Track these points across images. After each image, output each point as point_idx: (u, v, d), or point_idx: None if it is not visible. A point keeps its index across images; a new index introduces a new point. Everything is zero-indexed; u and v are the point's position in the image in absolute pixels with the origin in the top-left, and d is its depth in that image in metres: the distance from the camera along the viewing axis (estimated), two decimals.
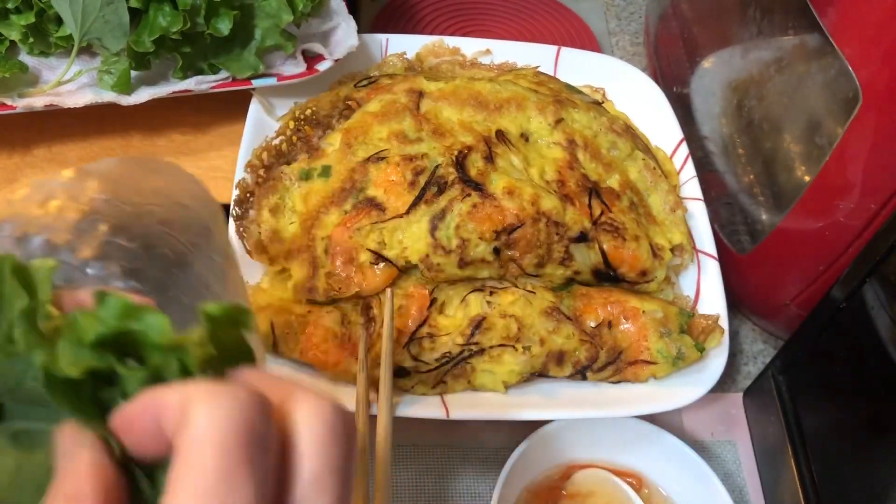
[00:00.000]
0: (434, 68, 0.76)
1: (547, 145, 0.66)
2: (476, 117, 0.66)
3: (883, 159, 0.51)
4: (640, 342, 0.60)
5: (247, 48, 0.68)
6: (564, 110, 0.67)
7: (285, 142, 0.66)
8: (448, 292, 0.60)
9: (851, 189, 0.54)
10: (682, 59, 0.79)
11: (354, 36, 0.71)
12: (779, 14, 0.65)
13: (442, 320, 0.59)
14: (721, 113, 0.73)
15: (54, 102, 0.64)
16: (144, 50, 0.64)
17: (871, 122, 0.51)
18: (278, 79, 0.68)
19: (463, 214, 0.59)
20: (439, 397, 0.58)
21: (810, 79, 0.61)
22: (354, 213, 0.60)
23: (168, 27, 0.63)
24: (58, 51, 0.68)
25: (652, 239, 0.64)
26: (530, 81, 0.72)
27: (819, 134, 0.59)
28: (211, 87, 0.67)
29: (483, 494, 0.61)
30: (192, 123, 0.74)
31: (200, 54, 0.67)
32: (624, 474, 0.59)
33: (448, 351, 0.58)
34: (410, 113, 0.65)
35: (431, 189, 0.60)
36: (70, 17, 0.63)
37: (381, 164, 0.62)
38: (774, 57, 0.66)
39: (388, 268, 0.59)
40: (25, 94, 0.66)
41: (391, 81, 0.70)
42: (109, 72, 0.66)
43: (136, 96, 0.66)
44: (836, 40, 0.51)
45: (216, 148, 0.73)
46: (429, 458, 0.63)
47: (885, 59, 0.49)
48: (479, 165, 0.61)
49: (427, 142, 0.63)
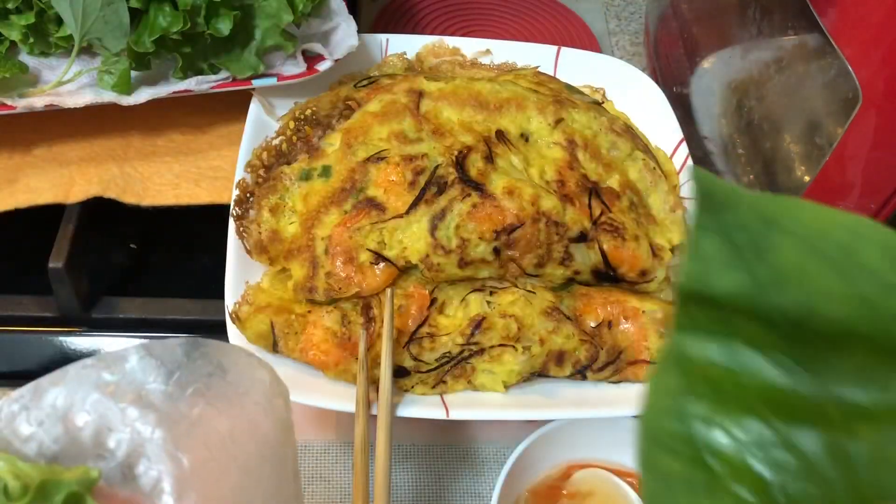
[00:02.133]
0: (434, 68, 0.76)
1: (547, 145, 0.66)
2: (476, 117, 0.66)
3: (883, 159, 0.51)
4: (640, 342, 0.60)
5: (247, 48, 0.68)
6: (564, 110, 0.67)
7: (285, 142, 0.67)
8: (448, 292, 0.60)
9: (851, 189, 0.54)
10: (681, 59, 0.79)
11: (354, 36, 0.71)
12: (779, 14, 0.65)
13: (442, 320, 0.59)
14: (721, 113, 0.73)
15: (54, 102, 0.64)
16: (144, 50, 0.64)
17: (871, 123, 0.51)
18: (278, 79, 0.68)
19: (463, 214, 0.59)
20: (439, 397, 0.58)
21: (810, 79, 0.61)
22: (354, 213, 0.60)
23: (168, 27, 0.63)
24: (58, 51, 0.68)
25: (652, 239, 0.64)
26: (530, 81, 0.72)
27: (819, 134, 0.59)
28: (211, 87, 0.67)
29: (483, 494, 0.61)
30: (192, 123, 0.74)
31: (200, 54, 0.67)
32: (624, 474, 0.59)
33: (448, 351, 0.58)
34: (410, 113, 0.65)
35: (431, 189, 0.60)
36: (70, 18, 0.63)
37: (381, 164, 0.62)
38: (774, 57, 0.66)
39: (388, 268, 0.59)
40: (25, 94, 0.66)
41: (391, 81, 0.70)
42: (109, 72, 0.66)
43: (136, 96, 0.66)
44: (836, 40, 0.51)
45: (216, 148, 0.73)
46: (429, 458, 0.63)
47: (885, 59, 0.49)
48: (479, 165, 0.61)
49: (427, 142, 0.63)
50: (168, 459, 0.33)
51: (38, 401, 0.34)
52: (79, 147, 0.71)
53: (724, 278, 0.22)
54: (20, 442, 0.33)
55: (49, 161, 0.70)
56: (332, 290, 0.59)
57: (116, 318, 0.66)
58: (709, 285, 0.22)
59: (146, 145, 0.72)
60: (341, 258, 0.59)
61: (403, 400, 0.57)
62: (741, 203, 0.23)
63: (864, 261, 0.21)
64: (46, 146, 0.71)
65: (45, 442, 0.34)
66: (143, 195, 0.68)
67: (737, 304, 0.22)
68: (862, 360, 0.22)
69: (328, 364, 0.57)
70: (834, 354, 0.22)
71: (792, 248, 0.22)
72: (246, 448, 0.35)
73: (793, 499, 0.22)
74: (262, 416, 0.36)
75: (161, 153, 0.72)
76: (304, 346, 0.57)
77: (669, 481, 0.22)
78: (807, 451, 0.22)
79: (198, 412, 0.35)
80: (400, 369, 0.57)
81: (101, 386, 0.35)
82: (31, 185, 0.68)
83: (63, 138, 0.71)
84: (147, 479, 0.33)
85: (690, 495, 0.22)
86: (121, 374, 0.35)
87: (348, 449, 0.63)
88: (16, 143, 0.71)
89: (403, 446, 0.63)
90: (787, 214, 0.22)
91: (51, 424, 0.34)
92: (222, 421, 0.35)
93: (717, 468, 0.22)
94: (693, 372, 0.23)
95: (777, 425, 0.22)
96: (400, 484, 0.61)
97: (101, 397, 0.34)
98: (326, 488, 0.61)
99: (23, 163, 0.70)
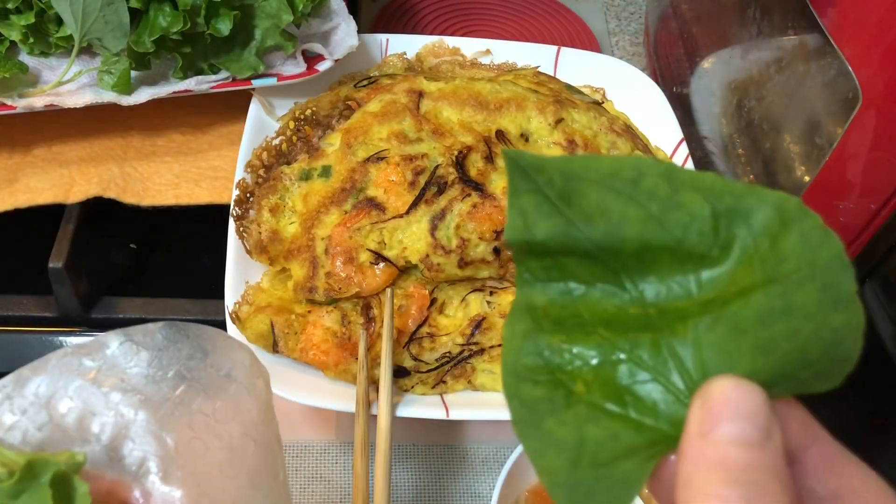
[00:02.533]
0: (434, 68, 0.76)
1: (547, 145, 0.66)
2: (476, 117, 0.66)
3: (883, 159, 0.51)
4: None
5: (247, 48, 0.68)
6: (564, 110, 0.67)
7: (285, 142, 0.67)
8: (448, 292, 0.60)
9: (851, 189, 0.54)
10: (681, 59, 0.79)
11: (354, 36, 0.71)
12: (779, 14, 0.65)
13: (442, 320, 0.59)
14: (721, 113, 0.73)
15: (54, 102, 0.64)
16: (144, 50, 0.64)
17: (871, 123, 0.51)
18: (278, 79, 0.68)
19: (463, 214, 0.59)
20: (439, 397, 0.58)
21: (810, 79, 0.61)
22: (354, 213, 0.60)
23: (168, 27, 0.63)
24: (58, 51, 0.68)
25: None
26: (530, 81, 0.72)
27: (819, 134, 0.59)
28: (211, 87, 0.67)
29: (483, 494, 0.61)
30: (192, 123, 0.74)
31: (200, 54, 0.67)
32: None
33: (448, 351, 0.58)
34: (410, 113, 0.65)
35: (431, 189, 0.60)
36: (70, 18, 0.63)
37: (381, 164, 0.62)
38: (774, 57, 0.66)
39: (388, 268, 0.59)
40: (25, 94, 0.66)
41: (391, 81, 0.70)
42: (109, 72, 0.66)
43: (136, 96, 0.66)
44: (836, 40, 0.51)
45: (216, 148, 0.73)
46: (429, 457, 0.63)
47: (885, 59, 0.49)
48: (479, 165, 0.61)
49: (427, 142, 0.63)
50: (153, 440, 0.34)
51: (20, 389, 0.34)
52: (79, 147, 0.71)
53: (542, 225, 0.27)
54: (3, 431, 0.34)
55: (49, 161, 0.70)
56: (332, 290, 0.59)
57: (116, 318, 0.66)
58: (532, 234, 0.27)
59: (146, 145, 0.72)
60: (341, 258, 0.59)
61: (403, 400, 0.57)
62: (548, 165, 0.27)
63: (649, 188, 0.26)
64: (46, 146, 0.71)
65: (30, 430, 0.34)
66: (143, 195, 0.68)
67: (560, 246, 0.27)
68: (666, 267, 0.26)
69: (328, 364, 0.57)
70: (643, 268, 0.26)
71: (593, 191, 0.26)
72: (229, 427, 0.35)
73: (637, 396, 0.26)
74: (244, 396, 0.37)
75: (161, 153, 0.72)
76: (304, 346, 0.57)
77: (533, 405, 0.26)
78: (641, 354, 0.26)
79: (180, 394, 0.35)
80: (400, 369, 0.57)
81: (83, 372, 0.35)
82: (31, 185, 0.68)
83: (63, 138, 0.71)
84: (132, 459, 0.33)
85: (552, 412, 0.26)
86: (102, 360, 0.35)
87: (348, 449, 0.63)
88: (16, 143, 0.71)
89: (403, 446, 0.63)
90: (587, 167, 0.27)
91: (34, 412, 0.34)
92: (205, 402, 0.35)
93: (571, 385, 0.26)
94: (538, 314, 0.27)
95: (614, 339, 0.27)
96: (400, 484, 0.61)
97: (84, 383, 0.35)
98: (326, 488, 0.61)
99: (23, 163, 0.70)
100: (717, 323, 0.25)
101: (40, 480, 0.30)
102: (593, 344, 0.27)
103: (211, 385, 0.36)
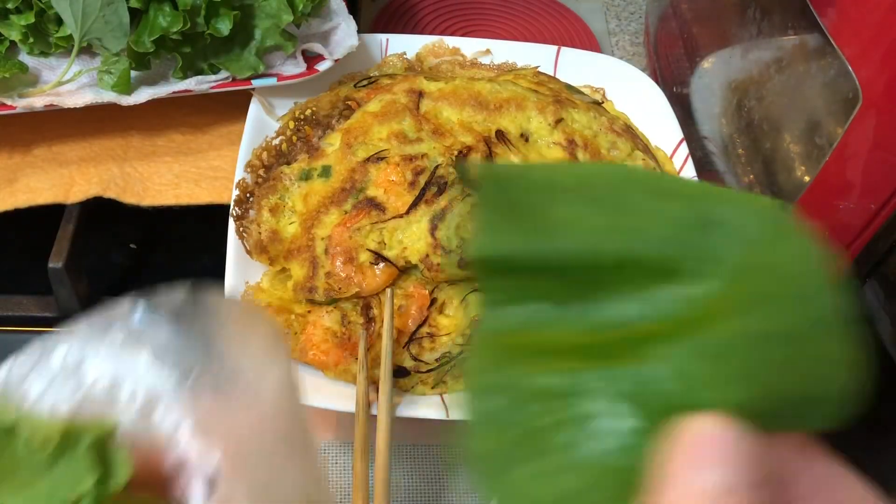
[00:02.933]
0: (434, 68, 0.76)
1: (547, 145, 0.66)
2: (476, 117, 0.66)
3: (883, 159, 0.51)
4: None
5: (247, 48, 0.68)
6: (564, 110, 0.67)
7: (285, 142, 0.67)
8: (448, 292, 0.60)
9: (851, 189, 0.53)
10: (682, 59, 0.79)
11: (354, 36, 0.71)
12: (779, 14, 0.65)
13: (442, 320, 0.59)
14: (721, 113, 0.73)
15: (54, 102, 0.64)
16: (144, 50, 0.64)
17: (871, 122, 0.51)
18: (278, 79, 0.68)
19: (463, 214, 0.59)
20: (439, 397, 0.58)
21: (810, 79, 0.61)
22: (354, 213, 0.60)
23: (168, 27, 0.63)
24: (58, 51, 0.68)
25: None
26: (530, 81, 0.72)
27: (819, 134, 0.59)
28: (211, 87, 0.67)
29: None
30: (192, 123, 0.74)
31: (200, 54, 0.67)
32: None
33: (448, 351, 0.58)
34: (410, 113, 0.65)
35: (431, 189, 0.60)
36: (70, 18, 0.63)
37: (381, 164, 0.62)
38: (774, 57, 0.66)
39: (388, 268, 0.59)
40: (25, 94, 0.66)
41: (391, 81, 0.70)
42: (109, 72, 0.66)
43: (136, 96, 0.66)
44: (836, 40, 0.51)
45: (216, 148, 0.73)
46: (429, 458, 0.63)
47: (885, 59, 0.49)
48: None
49: (427, 142, 0.63)
50: (185, 404, 0.34)
51: (46, 359, 0.34)
52: (78, 147, 0.71)
53: (508, 239, 0.25)
54: (33, 401, 0.33)
55: (49, 161, 0.70)
56: (332, 290, 0.59)
57: None
58: (498, 249, 0.25)
59: (146, 145, 0.72)
60: (341, 258, 0.59)
61: (403, 400, 0.57)
62: (516, 177, 0.25)
63: (632, 198, 0.24)
64: (46, 146, 0.71)
65: (58, 399, 0.34)
66: (143, 195, 0.68)
67: (526, 262, 0.24)
68: (639, 285, 0.24)
69: (328, 364, 0.57)
70: (614, 285, 0.24)
71: (564, 201, 0.24)
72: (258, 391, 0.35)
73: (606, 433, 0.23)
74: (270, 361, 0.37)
75: (161, 153, 0.72)
76: (303, 346, 0.57)
77: (498, 454, 0.24)
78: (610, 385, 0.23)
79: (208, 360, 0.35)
80: (400, 369, 0.57)
81: (110, 339, 0.35)
82: (31, 185, 0.68)
83: (63, 138, 0.71)
84: (165, 425, 0.33)
85: (522, 461, 0.23)
86: (128, 327, 0.35)
87: (348, 449, 0.63)
88: (15, 143, 0.71)
89: (403, 446, 0.63)
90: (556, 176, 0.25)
91: (62, 381, 0.34)
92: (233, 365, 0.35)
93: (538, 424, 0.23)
94: (500, 344, 0.25)
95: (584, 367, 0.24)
96: (400, 484, 0.61)
97: (111, 350, 0.34)
98: None
99: (23, 163, 0.70)
100: (696, 347, 0.23)
101: (77, 448, 0.30)
102: (561, 374, 0.24)
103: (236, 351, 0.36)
